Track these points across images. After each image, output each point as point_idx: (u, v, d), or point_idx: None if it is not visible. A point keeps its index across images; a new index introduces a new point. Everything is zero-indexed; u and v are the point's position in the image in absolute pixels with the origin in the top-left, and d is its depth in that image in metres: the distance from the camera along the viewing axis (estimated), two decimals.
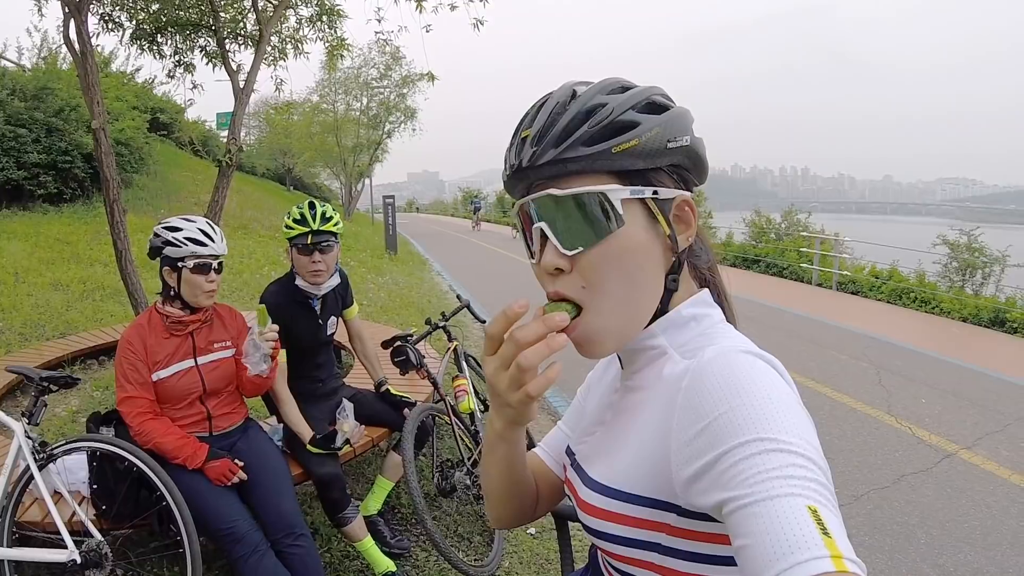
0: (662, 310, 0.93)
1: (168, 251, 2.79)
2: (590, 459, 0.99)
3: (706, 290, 0.98)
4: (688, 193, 0.91)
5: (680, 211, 0.91)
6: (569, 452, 1.09)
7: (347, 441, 3.12)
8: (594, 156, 0.84)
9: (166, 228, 2.81)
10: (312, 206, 3.21)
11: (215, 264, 2.84)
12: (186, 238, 2.77)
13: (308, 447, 3.09)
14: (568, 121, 0.86)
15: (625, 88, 0.90)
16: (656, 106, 0.89)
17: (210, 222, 2.90)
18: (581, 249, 0.86)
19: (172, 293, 2.87)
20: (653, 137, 0.86)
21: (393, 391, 3.65)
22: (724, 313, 0.98)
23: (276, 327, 2.87)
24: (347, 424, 3.15)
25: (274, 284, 3.32)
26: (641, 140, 0.85)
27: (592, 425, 1.07)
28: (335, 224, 3.22)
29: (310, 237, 3.16)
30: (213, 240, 2.83)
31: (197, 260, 2.78)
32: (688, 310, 0.93)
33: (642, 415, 0.90)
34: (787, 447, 0.67)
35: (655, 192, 0.87)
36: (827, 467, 0.68)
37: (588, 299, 0.87)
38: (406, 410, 3.49)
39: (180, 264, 2.78)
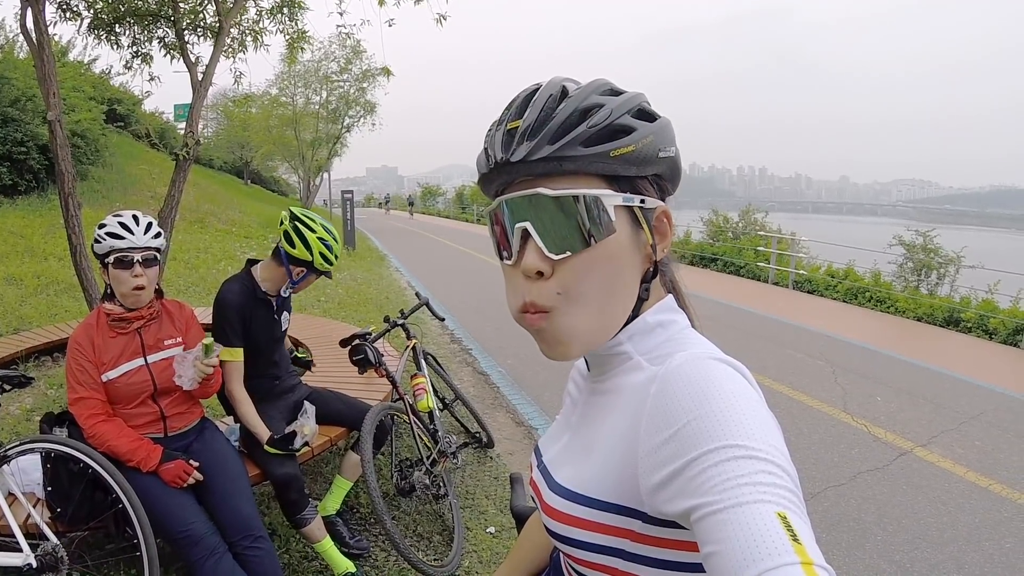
0: (633, 317, 0.91)
1: (95, 248, 2.74)
2: (556, 462, 0.97)
3: (671, 296, 0.97)
4: (665, 204, 0.91)
5: (659, 221, 0.90)
6: (537, 452, 1.07)
7: (306, 443, 3.09)
8: (591, 158, 0.82)
9: (99, 226, 2.75)
10: (332, 240, 3.16)
11: (138, 258, 2.72)
12: (106, 233, 2.69)
13: (266, 448, 3.04)
14: (565, 118, 0.83)
15: (615, 91, 0.89)
16: (646, 114, 0.88)
17: (138, 215, 2.79)
18: (568, 254, 0.83)
19: (110, 291, 2.81)
20: (647, 145, 0.84)
21: (299, 355, 3.64)
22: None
23: (216, 362, 2.83)
24: (308, 427, 3.11)
25: (234, 283, 3.20)
26: (637, 147, 0.83)
27: (559, 428, 1.06)
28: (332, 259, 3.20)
29: (312, 267, 3.15)
30: (132, 232, 2.71)
31: (117, 255, 2.70)
32: (654, 317, 0.92)
33: (609, 421, 0.89)
34: (756, 454, 0.66)
35: (642, 200, 0.86)
36: (795, 473, 0.68)
37: (562, 304, 0.84)
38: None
39: (106, 261, 2.72)
